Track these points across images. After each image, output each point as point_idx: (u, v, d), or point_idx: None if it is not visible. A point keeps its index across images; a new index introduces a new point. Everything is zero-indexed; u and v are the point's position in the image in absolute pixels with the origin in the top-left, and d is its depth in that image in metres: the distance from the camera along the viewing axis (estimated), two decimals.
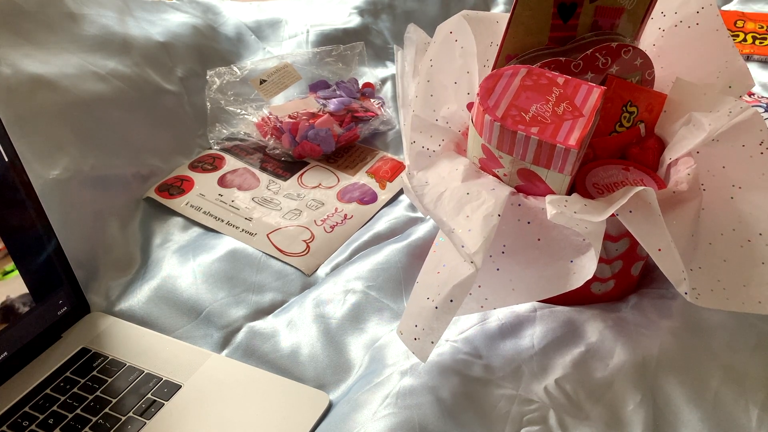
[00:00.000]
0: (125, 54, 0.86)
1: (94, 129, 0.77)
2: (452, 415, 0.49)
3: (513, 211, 0.50)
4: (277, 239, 0.72)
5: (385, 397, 0.50)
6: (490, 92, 0.50)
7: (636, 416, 0.49)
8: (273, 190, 0.81)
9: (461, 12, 0.58)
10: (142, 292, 0.65)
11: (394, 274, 0.65)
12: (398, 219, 0.74)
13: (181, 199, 0.78)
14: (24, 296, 0.56)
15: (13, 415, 0.53)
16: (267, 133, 0.87)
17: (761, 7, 1.14)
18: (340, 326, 0.61)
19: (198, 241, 0.72)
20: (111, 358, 0.58)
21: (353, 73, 1.01)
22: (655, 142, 0.58)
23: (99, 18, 0.87)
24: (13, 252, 0.55)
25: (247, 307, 0.64)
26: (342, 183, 0.82)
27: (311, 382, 0.57)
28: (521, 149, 0.49)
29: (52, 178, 0.69)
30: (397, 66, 0.66)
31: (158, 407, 0.53)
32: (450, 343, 0.55)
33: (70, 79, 0.77)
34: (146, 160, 0.81)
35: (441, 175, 0.54)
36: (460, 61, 0.58)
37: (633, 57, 0.56)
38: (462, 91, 0.59)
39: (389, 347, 0.57)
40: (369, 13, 1.14)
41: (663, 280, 0.60)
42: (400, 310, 0.62)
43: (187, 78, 0.92)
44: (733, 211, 0.51)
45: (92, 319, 0.62)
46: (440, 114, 0.58)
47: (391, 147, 0.90)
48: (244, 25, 1.06)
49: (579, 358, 0.53)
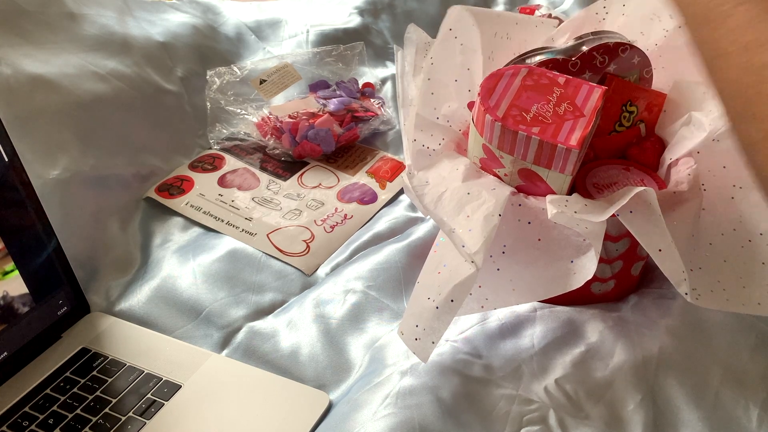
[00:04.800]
0: (125, 54, 0.86)
1: (94, 129, 0.77)
2: (452, 415, 0.49)
3: (513, 211, 0.50)
4: (277, 239, 0.72)
5: (385, 397, 0.50)
6: (491, 92, 0.50)
7: (636, 416, 0.49)
8: (273, 190, 0.81)
9: (457, 6, 0.57)
10: (142, 292, 0.65)
11: (394, 274, 0.65)
12: (398, 219, 0.74)
13: (181, 199, 0.78)
14: (24, 296, 0.56)
15: (13, 415, 0.53)
16: (267, 133, 0.87)
17: None
18: (340, 326, 0.61)
19: (198, 241, 0.72)
20: (111, 358, 0.58)
21: (353, 73, 1.01)
22: (655, 142, 0.58)
23: (99, 18, 0.87)
24: (13, 252, 0.55)
25: (247, 307, 0.64)
26: (342, 183, 0.82)
27: (311, 382, 0.57)
28: (522, 149, 0.49)
29: (52, 178, 0.69)
30: (397, 66, 0.65)
31: (158, 407, 0.53)
32: (450, 343, 0.55)
33: (70, 79, 0.77)
34: (146, 160, 0.81)
35: (441, 175, 0.54)
36: (460, 58, 0.58)
37: (630, 55, 0.56)
38: (463, 88, 0.59)
39: (389, 347, 0.57)
40: (369, 13, 1.14)
41: (663, 279, 0.60)
42: (400, 310, 0.62)
43: (187, 78, 0.92)
44: (733, 211, 0.51)
45: (92, 319, 0.62)
46: (441, 112, 0.58)
47: (391, 147, 0.90)
48: (244, 25, 1.06)
49: (579, 358, 0.53)
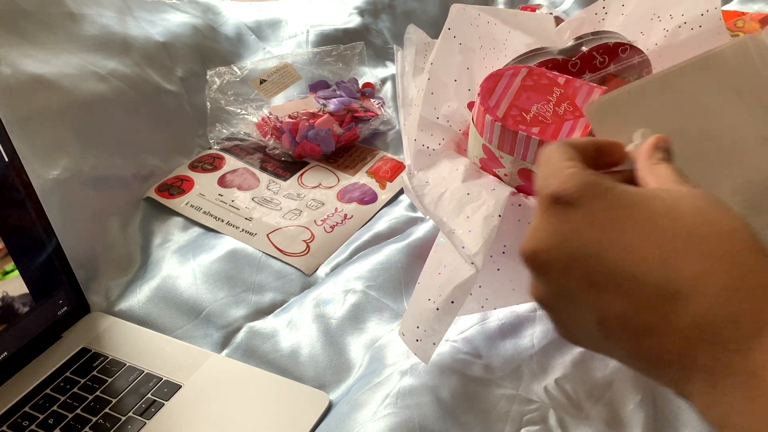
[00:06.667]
0: (125, 54, 0.86)
1: (94, 129, 0.77)
2: (452, 415, 0.49)
3: (513, 212, 0.50)
4: (277, 239, 0.72)
5: (385, 397, 0.50)
6: (490, 92, 0.50)
7: (636, 416, 0.49)
8: (273, 190, 0.81)
9: (456, 5, 0.57)
10: (142, 292, 0.65)
11: (394, 274, 0.65)
12: (398, 219, 0.74)
13: (181, 199, 0.78)
14: (24, 296, 0.56)
15: (13, 415, 0.53)
16: (267, 133, 0.87)
17: (761, 7, 1.14)
18: (340, 326, 0.61)
19: (198, 241, 0.72)
20: (111, 358, 0.58)
21: (353, 73, 1.01)
22: None
23: (99, 18, 0.87)
24: (13, 252, 0.55)
25: (247, 307, 0.64)
26: (342, 183, 0.82)
27: (311, 382, 0.57)
28: (522, 149, 0.49)
29: (52, 178, 0.69)
30: (397, 66, 0.66)
31: (158, 407, 0.53)
32: (450, 343, 0.55)
33: (70, 79, 0.77)
34: (146, 160, 0.81)
35: (441, 175, 0.54)
36: (459, 57, 0.58)
37: (630, 55, 0.56)
38: (462, 88, 0.59)
39: (389, 347, 0.57)
40: (369, 13, 1.14)
41: None
42: (400, 310, 0.62)
43: (187, 78, 0.92)
44: None
45: (92, 319, 0.62)
46: (441, 112, 0.58)
47: (391, 147, 0.90)
48: (244, 25, 1.06)
49: (579, 358, 0.53)
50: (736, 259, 0.27)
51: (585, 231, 0.29)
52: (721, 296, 0.27)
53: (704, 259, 0.27)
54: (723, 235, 0.28)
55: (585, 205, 0.29)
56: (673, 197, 0.29)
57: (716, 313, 0.27)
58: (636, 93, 0.41)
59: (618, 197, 0.29)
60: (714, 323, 0.27)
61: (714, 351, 0.27)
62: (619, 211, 0.29)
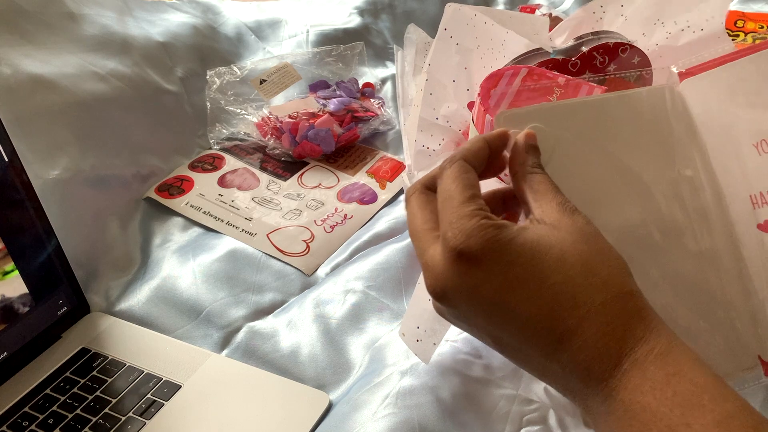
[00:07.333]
0: (125, 54, 0.86)
1: (94, 129, 0.77)
2: (452, 415, 0.49)
3: None
4: (277, 239, 0.72)
5: (385, 397, 0.50)
6: (490, 92, 0.50)
7: None
8: (273, 190, 0.81)
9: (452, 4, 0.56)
10: (142, 292, 0.65)
11: (394, 274, 0.65)
12: (398, 219, 0.74)
13: (181, 199, 0.78)
14: (24, 296, 0.56)
15: (13, 415, 0.53)
16: (267, 133, 0.87)
17: (761, 7, 1.14)
18: (340, 326, 0.61)
19: (198, 241, 0.72)
20: (111, 358, 0.58)
21: (353, 73, 1.01)
22: None
23: (99, 18, 0.87)
24: (13, 252, 0.55)
25: (247, 307, 0.64)
26: (342, 183, 0.82)
27: (311, 382, 0.57)
28: None
29: (52, 178, 0.69)
30: (397, 66, 0.65)
31: (158, 407, 0.53)
32: (450, 343, 0.55)
33: (70, 79, 0.77)
34: (146, 160, 0.81)
35: None
36: (457, 57, 0.58)
37: (630, 55, 0.56)
38: (461, 88, 0.58)
39: (389, 347, 0.57)
40: (369, 13, 1.14)
41: None
42: (400, 310, 0.62)
43: (187, 78, 0.92)
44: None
45: (92, 319, 0.62)
46: (440, 113, 0.58)
47: (391, 147, 0.90)
48: (244, 25, 1.06)
49: None
50: (610, 307, 0.33)
51: (485, 286, 0.34)
52: (593, 339, 0.33)
53: (587, 309, 0.33)
54: (601, 286, 0.34)
55: (485, 264, 0.34)
56: (562, 246, 0.35)
57: (588, 353, 0.33)
58: (547, 112, 0.43)
59: (516, 254, 0.34)
60: (585, 360, 0.33)
61: (587, 384, 0.33)
62: (516, 268, 0.34)
